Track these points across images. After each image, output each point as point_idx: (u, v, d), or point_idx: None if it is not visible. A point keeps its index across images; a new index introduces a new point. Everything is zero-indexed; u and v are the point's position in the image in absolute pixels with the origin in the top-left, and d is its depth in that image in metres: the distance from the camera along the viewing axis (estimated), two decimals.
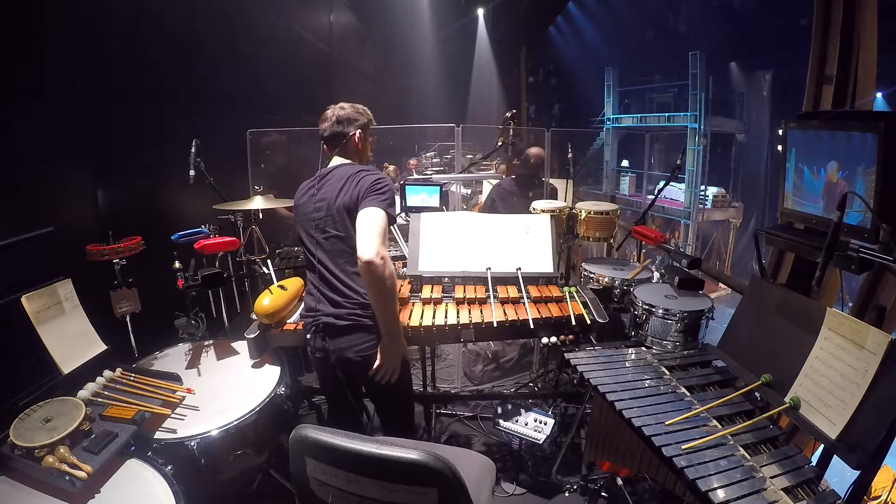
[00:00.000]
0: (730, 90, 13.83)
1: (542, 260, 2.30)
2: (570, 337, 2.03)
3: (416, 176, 4.96)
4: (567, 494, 2.26)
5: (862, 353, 1.23)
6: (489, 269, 2.23)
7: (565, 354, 1.85)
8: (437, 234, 2.36)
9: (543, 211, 2.61)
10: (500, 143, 3.70)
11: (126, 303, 2.06)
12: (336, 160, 1.87)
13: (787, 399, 1.38)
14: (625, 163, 14.92)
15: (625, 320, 2.30)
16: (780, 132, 1.80)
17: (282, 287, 2.08)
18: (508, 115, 3.61)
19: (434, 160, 7.36)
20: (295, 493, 1.19)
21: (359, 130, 1.88)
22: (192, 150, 2.37)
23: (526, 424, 2.33)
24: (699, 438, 1.35)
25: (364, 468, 1.06)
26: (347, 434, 1.09)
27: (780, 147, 1.82)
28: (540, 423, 2.33)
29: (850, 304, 2.19)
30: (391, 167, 5.51)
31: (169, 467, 1.46)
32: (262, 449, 1.83)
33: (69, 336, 1.71)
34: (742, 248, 13.13)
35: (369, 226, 1.63)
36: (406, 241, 2.52)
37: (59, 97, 2.29)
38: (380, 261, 1.57)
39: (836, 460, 1.27)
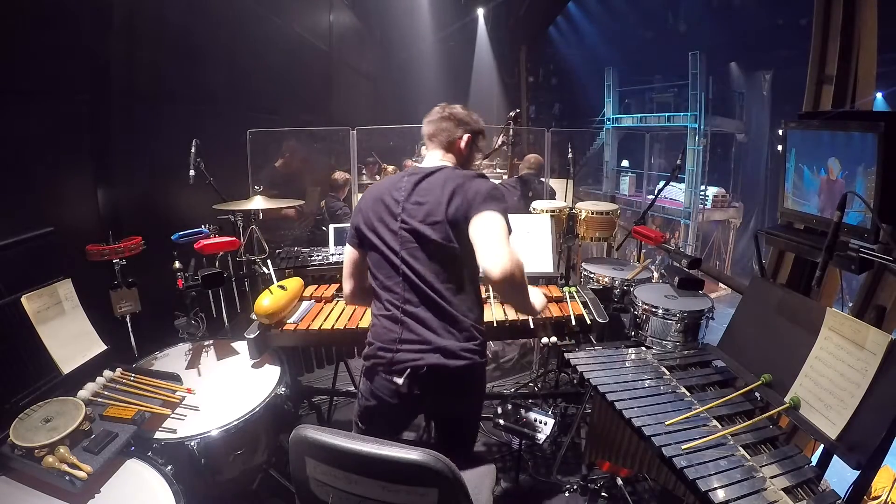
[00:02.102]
0: (730, 90, 13.81)
1: (542, 260, 2.30)
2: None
3: None
4: (567, 494, 2.26)
5: (862, 353, 1.23)
6: None
7: (565, 354, 1.85)
8: None
9: (543, 211, 2.61)
10: (500, 143, 3.70)
11: (126, 303, 2.05)
12: (436, 159, 1.55)
13: (787, 399, 1.38)
14: (625, 163, 14.91)
15: (625, 320, 2.30)
16: (780, 132, 1.80)
17: (282, 287, 2.08)
18: (512, 114, 3.62)
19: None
20: (295, 494, 1.19)
21: (468, 135, 1.58)
22: (192, 150, 2.37)
23: (526, 424, 2.32)
24: (699, 438, 1.35)
25: (365, 468, 1.05)
26: (348, 434, 1.08)
27: (780, 147, 1.82)
28: (540, 423, 2.32)
29: (850, 304, 2.19)
30: (390, 168, 5.51)
31: (169, 467, 1.46)
32: (262, 449, 1.83)
33: (69, 336, 1.71)
34: (742, 248, 13.13)
35: (494, 231, 1.34)
36: None
37: (59, 97, 2.29)
38: (518, 270, 1.31)
39: (836, 460, 1.26)
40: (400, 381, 1.39)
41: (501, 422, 2.38)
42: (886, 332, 1.19)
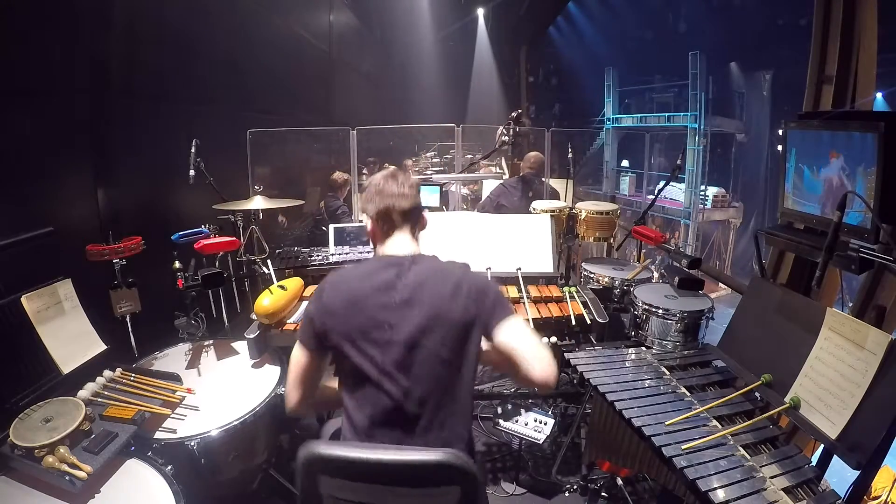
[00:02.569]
0: (730, 90, 13.82)
1: (542, 260, 2.30)
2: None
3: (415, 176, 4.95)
4: (567, 494, 2.25)
5: (862, 353, 1.23)
6: (489, 269, 2.22)
7: (565, 354, 1.85)
8: (436, 234, 2.36)
9: (543, 211, 2.61)
10: (501, 140, 3.70)
11: (126, 303, 2.05)
12: (407, 243, 1.34)
13: (787, 399, 1.37)
14: (625, 163, 14.91)
15: (625, 320, 2.30)
16: (780, 132, 1.80)
17: (282, 287, 2.08)
18: (514, 114, 3.63)
19: (434, 160, 7.36)
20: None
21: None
22: (192, 150, 2.37)
23: (526, 424, 2.32)
24: (699, 438, 1.35)
25: (386, 477, 1.03)
26: (364, 445, 1.07)
27: (780, 147, 1.82)
28: (540, 423, 2.32)
29: (850, 304, 2.19)
30: (391, 168, 5.52)
31: (169, 467, 1.46)
32: (262, 449, 1.83)
33: (69, 336, 1.71)
34: (742, 248, 13.12)
35: (531, 341, 1.21)
36: None
37: (59, 97, 2.29)
38: (555, 378, 1.20)
39: (836, 460, 1.27)
40: None
41: (501, 422, 2.38)
42: (886, 332, 1.19)
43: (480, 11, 11.61)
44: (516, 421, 2.34)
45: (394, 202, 1.32)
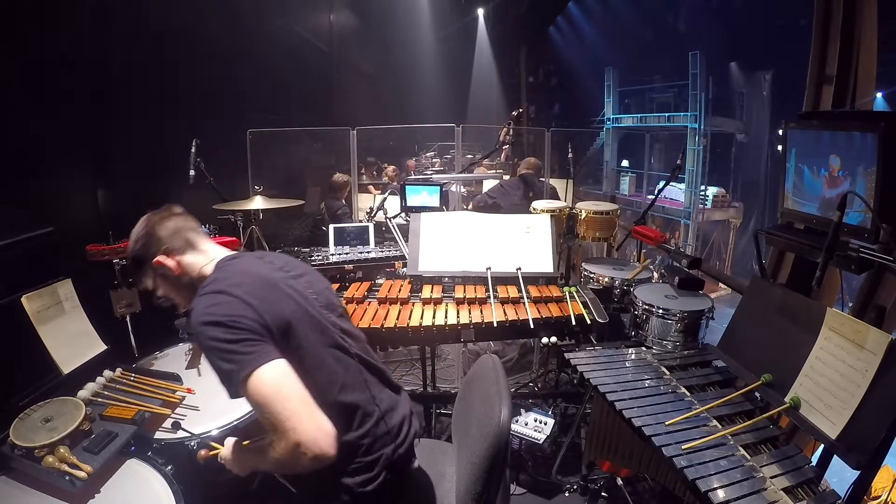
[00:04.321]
0: (730, 90, 13.81)
1: (542, 260, 2.30)
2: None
3: (415, 176, 4.96)
4: (567, 494, 2.26)
5: (862, 353, 1.23)
6: (489, 269, 2.22)
7: (565, 354, 1.85)
8: (437, 234, 2.36)
9: (543, 211, 2.61)
10: (502, 140, 3.71)
11: (126, 303, 2.05)
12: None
13: (787, 399, 1.37)
14: (625, 163, 14.89)
15: (625, 320, 2.29)
16: (780, 132, 1.80)
17: None
18: (515, 113, 3.63)
19: (434, 160, 7.37)
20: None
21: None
22: (192, 150, 2.37)
23: (526, 424, 2.32)
24: (699, 438, 1.35)
25: None
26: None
27: (780, 147, 1.81)
28: (540, 423, 2.33)
29: (850, 304, 2.19)
30: (390, 168, 5.52)
31: (169, 467, 1.46)
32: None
33: (69, 336, 1.71)
34: (742, 248, 13.12)
35: None
36: (406, 241, 2.52)
37: (60, 97, 2.29)
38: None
39: (836, 460, 1.26)
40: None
41: None
42: (886, 332, 1.19)
43: (480, 11, 11.62)
44: (516, 421, 2.35)
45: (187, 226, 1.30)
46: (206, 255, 1.24)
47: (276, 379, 0.96)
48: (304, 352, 1.06)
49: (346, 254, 2.57)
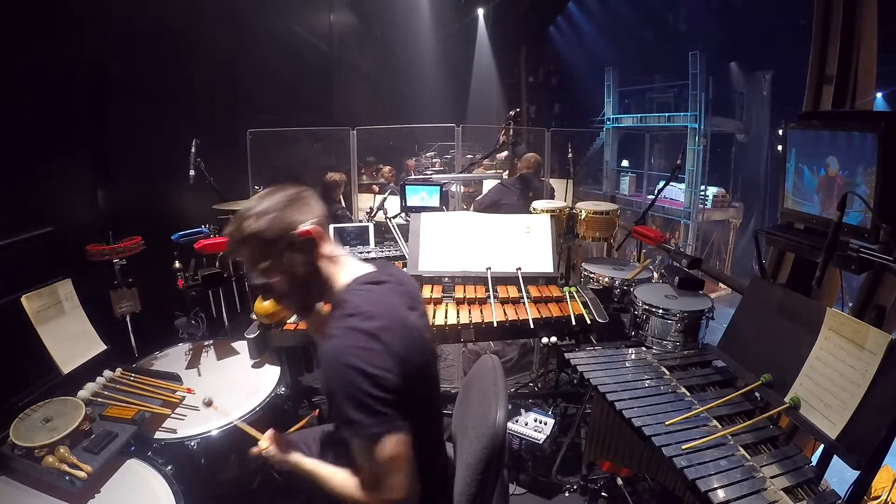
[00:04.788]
0: (730, 90, 13.80)
1: (542, 260, 2.30)
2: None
3: (415, 176, 4.96)
4: (567, 494, 2.25)
5: (862, 353, 1.23)
6: (489, 269, 2.23)
7: (565, 354, 1.85)
8: (437, 234, 2.36)
9: (543, 211, 2.61)
10: (501, 142, 3.71)
11: (126, 303, 2.05)
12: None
13: (787, 399, 1.37)
14: (625, 163, 14.88)
15: (625, 320, 2.30)
16: (780, 132, 1.80)
17: None
18: (512, 113, 3.63)
19: (434, 160, 7.37)
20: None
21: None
22: (192, 150, 2.37)
23: (526, 424, 2.32)
24: (699, 438, 1.35)
25: None
26: None
27: (780, 147, 1.81)
28: (540, 423, 2.33)
29: (850, 304, 2.19)
30: (386, 168, 5.52)
31: (169, 467, 1.46)
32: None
33: (69, 336, 1.71)
34: (742, 248, 13.11)
35: None
36: (406, 241, 2.52)
37: (59, 97, 2.29)
38: None
39: (836, 460, 1.26)
40: None
41: None
42: (886, 332, 1.19)
43: (480, 11, 11.62)
44: (516, 421, 2.34)
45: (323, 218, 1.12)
46: (342, 262, 1.12)
47: (397, 449, 0.96)
48: (414, 412, 1.02)
49: (347, 254, 2.56)
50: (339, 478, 1.07)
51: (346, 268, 1.12)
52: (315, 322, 1.30)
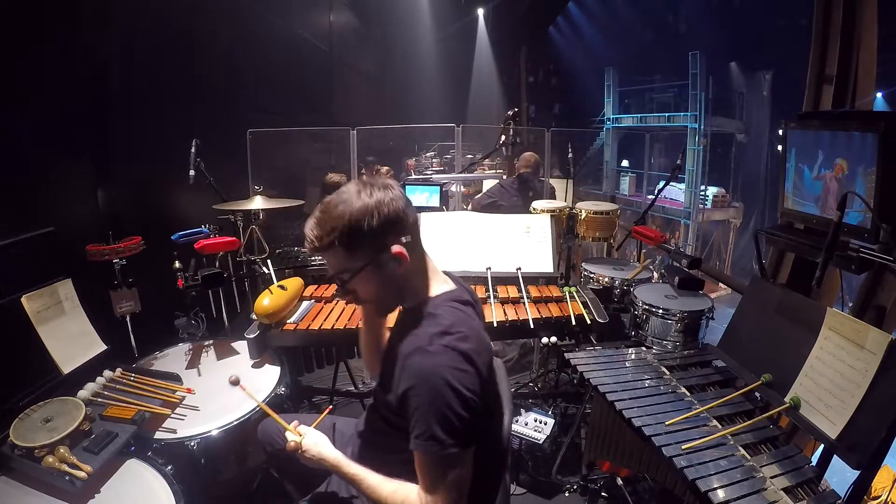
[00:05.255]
0: (730, 90, 13.80)
1: (542, 260, 2.30)
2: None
3: (414, 176, 4.97)
4: (567, 494, 2.25)
5: (862, 353, 1.23)
6: (489, 269, 2.22)
7: (565, 354, 1.85)
8: (437, 234, 2.36)
9: (543, 211, 2.61)
10: (501, 142, 3.70)
11: (126, 303, 2.05)
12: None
13: (787, 399, 1.37)
14: (625, 163, 14.88)
15: (625, 320, 2.29)
16: (780, 132, 1.80)
17: (282, 287, 2.08)
18: (510, 113, 3.63)
19: (434, 160, 7.37)
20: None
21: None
22: (192, 150, 2.37)
23: (526, 424, 2.32)
24: (699, 438, 1.35)
25: None
26: None
27: (780, 147, 1.81)
28: (540, 423, 2.33)
29: (850, 304, 2.19)
30: (384, 169, 5.52)
31: (169, 467, 1.46)
32: (262, 449, 1.82)
33: (69, 336, 1.70)
34: (742, 248, 13.11)
35: None
36: None
37: (60, 97, 2.29)
38: None
39: (836, 460, 1.27)
40: None
41: None
42: (886, 332, 1.19)
43: (480, 11, 11.61)
44: (516, 421, 2.34)
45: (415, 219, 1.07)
46: (432, 271, 1.12)
47: (464, 471, 0.98)
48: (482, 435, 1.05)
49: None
50: (388, 489, 1.05)
51: (435, 275, 1.13)
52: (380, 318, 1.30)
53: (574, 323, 2.01)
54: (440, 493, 0.97)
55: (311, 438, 1.18)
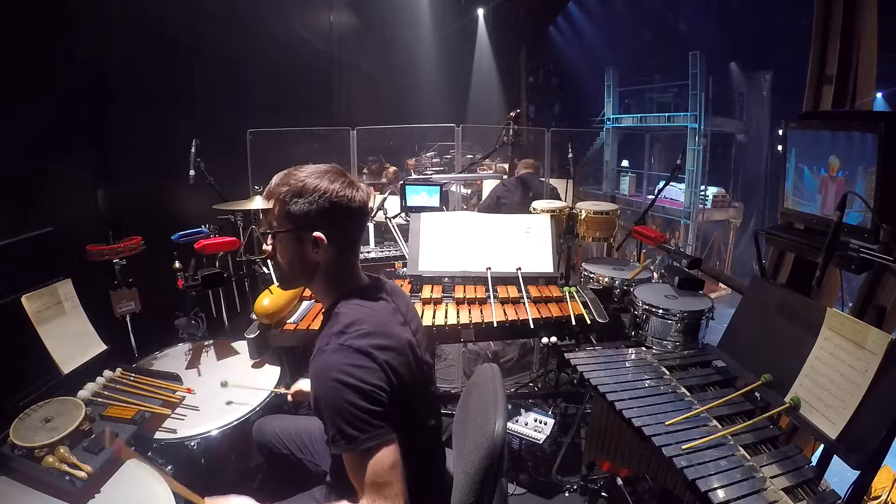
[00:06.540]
0: (730, 90, 13.81)
1: (542, 260, 2.30)
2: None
3: (415, 176, 4.96)
4: (567, 494, 2.26)
5: (862, 353, 1.23)
6: (489, 269, 2.22)
7: (565, 354, 1.85)
8: (437, 234, 2.36)
9: (543, 211, 2.61)
10: (502, 142, 3.71)
11: (126, 303, 2.05)
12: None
13: (787, 399, 1.37)
14: (625, 163, 14.89)
15: (625, 320, 2.30)
16: (781, 132, 1.80)
17: None
18: (513, 114, 3.64)
19: (434, 160, 7.36)
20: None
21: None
22: (192, 150, 2.37)
23: (526, 424, 2.32)
24: (699, 438, 1.35)
25: None
26: None
27: (780, 147, 1.81)
28: (540, 423, 2.33)
29: (850, 304, 2.19)
30: (392, 168, 5.52)
31: (169, 467, 1.46)
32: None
33: (69, 336, 1.70)
34: (742, 248, 13.12)
35: None
36: (406, 241, 2.52)
37: (60, 97, 2.29)
38: None
39: (836, 460, 1.27)
40: None
41: None
42: (886, 332, 1.19)
43: (480, 11, 11.62)
44: (516, 421, 2.35)
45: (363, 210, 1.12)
46: (351, 275, 1.16)
47: (390, 460, 0.97)
48: (408, 425, 1.05)
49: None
50: None
51: (354, 275, 1.17)
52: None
53: (574, 323, 2.01)
54: (377, 489, 0.96)
55: None
